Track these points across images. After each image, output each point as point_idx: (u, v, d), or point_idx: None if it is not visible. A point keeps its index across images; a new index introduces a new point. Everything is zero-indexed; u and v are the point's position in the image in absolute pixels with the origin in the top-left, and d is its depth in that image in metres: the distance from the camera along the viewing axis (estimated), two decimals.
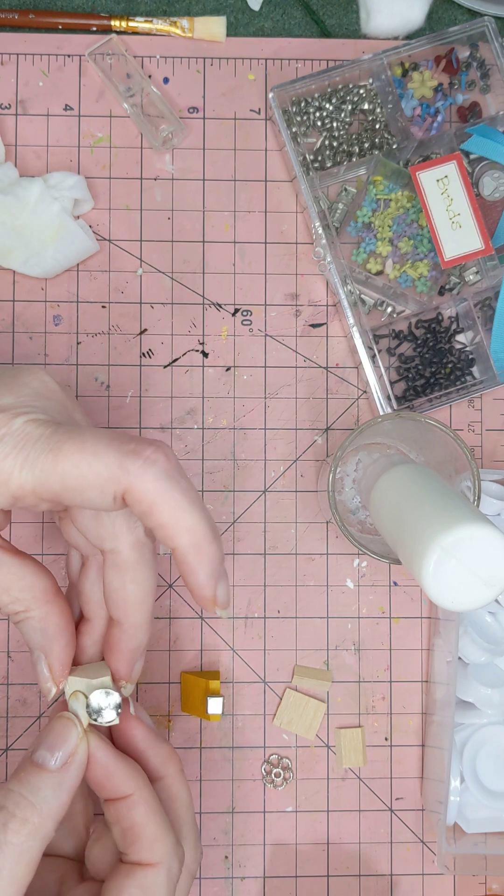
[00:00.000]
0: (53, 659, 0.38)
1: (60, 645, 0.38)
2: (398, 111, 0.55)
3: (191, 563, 0.35)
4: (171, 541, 0.34)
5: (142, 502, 0.34)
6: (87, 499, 0.34)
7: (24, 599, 0.37)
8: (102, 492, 0.33)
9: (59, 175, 0.53)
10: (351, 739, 0.55)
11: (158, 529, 0.34)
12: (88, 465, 0.33)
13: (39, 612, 0.37)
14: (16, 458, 0.33)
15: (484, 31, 0.54)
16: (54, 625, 0.38)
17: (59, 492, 0.34)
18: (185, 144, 0.56)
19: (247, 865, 0.54)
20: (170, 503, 0.34)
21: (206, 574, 0.35)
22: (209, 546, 0.35)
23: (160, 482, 0.33)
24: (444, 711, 0.52)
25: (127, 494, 0.33)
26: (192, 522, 0.34)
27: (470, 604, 0.38)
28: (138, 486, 0.33)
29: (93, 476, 0.33)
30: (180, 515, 0.34)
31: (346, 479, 0.52)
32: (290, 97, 0.54)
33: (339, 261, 0.53)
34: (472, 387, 0.55)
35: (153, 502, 0.33)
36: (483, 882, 0.55)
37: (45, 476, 0.33)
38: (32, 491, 0.34)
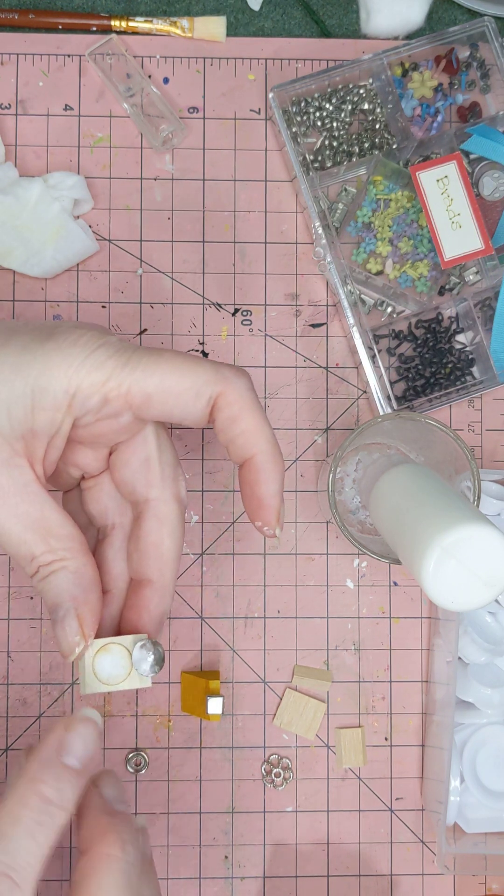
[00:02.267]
0: (86, 609, 0.37)
1: (95, 597, 0.37)
2: (398, 111, 0.55)
3: (268, 471, 0.37)
4: (251, 447, 0.37)
5: (233, 405, 0.36)
6: (179, 401, 0.35)
7: (60, 549, 0.36)
8: (198, 393, 0.36)
9: (59, 175, 0.53)
10: (351, 739, 0.55)
11: (241, 436, 0.37)
12: (189, 367, 0.35)
13: (76, 563, 0.37)
14: (118, 358, 0.35)
15: (484, 31, 0.54)
16: (89, 577, 0.37)
17: (153, 394, 0.35)
18: (185, 144, 0.56)
19: (247, 865, 0.54)
20: (256, 411, 0.37)
21: (276, 484, 0.37)
22: (281, 459, 0.38)
23: (249, 391, 0.37)
24: (444, 711, 0.52)
25: (220, 397, 0.36)
26: (271, 434, 0.37)
27: (470, 604, 0.38)
28: (233, 390, 0.36)
29: (191, 377, 0.35)
30: (263, 424, 0.37)
31: (346, 479, 0.52)
32: (290, 97, 0.54)
33: (339, 261, 0.53)
34: (472, 387, 0.55)
35: (243, 407, 0.36)
36: (483, 882, 0.55)
37: (145, 376, 0.35)
38: (128, 392, 0.35)
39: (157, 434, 0.39)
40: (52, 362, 0.35)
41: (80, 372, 0.35)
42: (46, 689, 0.54)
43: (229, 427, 0.37)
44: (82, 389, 0.35)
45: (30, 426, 0.35)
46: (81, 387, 0.35)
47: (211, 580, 0.55)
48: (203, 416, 0.37)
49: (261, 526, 0.38)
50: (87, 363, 0.35)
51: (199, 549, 0.55)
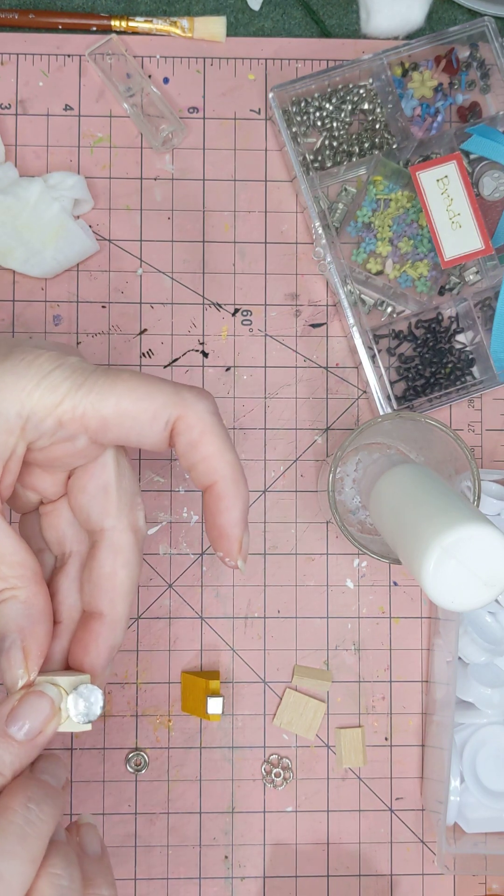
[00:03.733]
0: (32, 642, 0.35)
1: (42, 629, 0.36)
2: (398, 111, 0.55)
3: (230, 498, 0.36)
4: (213, 473, 0.36)
5: (193, 430, 0.35)
6: (136, 425, 0.35)
7: (12, 577, 0.35)
8: (155, 416, 0.35)
9: (59, 175, 0.53)
10: (351, 739, 0.55)
11: (202, 462, 0.35)
12: (146, 390, 0.34)
13: (27, 592, 0.36)
14: (73, 381, 0.34)
15: (484, 31, 0.54)
16: (39, 608, 0.36)
17: (109, 417, 0.34)
18: (185, 144, 0.56)
19: (247, 865, 0.54)
20: (217, 436, 0.35)
21: (238, 512, 0.36)
22: (244, 486, 0.36)
23: (210, 415, 0.35)
24: (444, 711, 0.52)
25: (179, 421, 0.35)
26: (234, 458, 0.36)
27: (470, 604, 0.38)
28: (192, 414, 0.35)
29: (148, 400, 0.34)
30: (225, 449, 0.36)
31: (346, 479, 0.52)
32: (290, 97, 0.54)
33: (339, 261, 0.53)
34: (472, 387, 0.55)
35: (203, 431, 0.35)
36: (483, 882, 0.55)
37: (100, 398, 0.34)
38: (83, 415, 0.34)
39: (116, 460, 0.37)
40: (4, 384, 0.34)
41: (34, 395, 0.34)
42: None
43: (189, 452, 0.36)
44: (36, 412, 0.34)
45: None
46: (35, 410, 0.34)
47: (211, 580, 0.55)
48: (162, 440, 0.36)
49: (222, 556, 0.37)
50: (41, 385, 0.34)
51: (199, 549, 0.55)
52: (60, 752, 0.54)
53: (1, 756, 0.34)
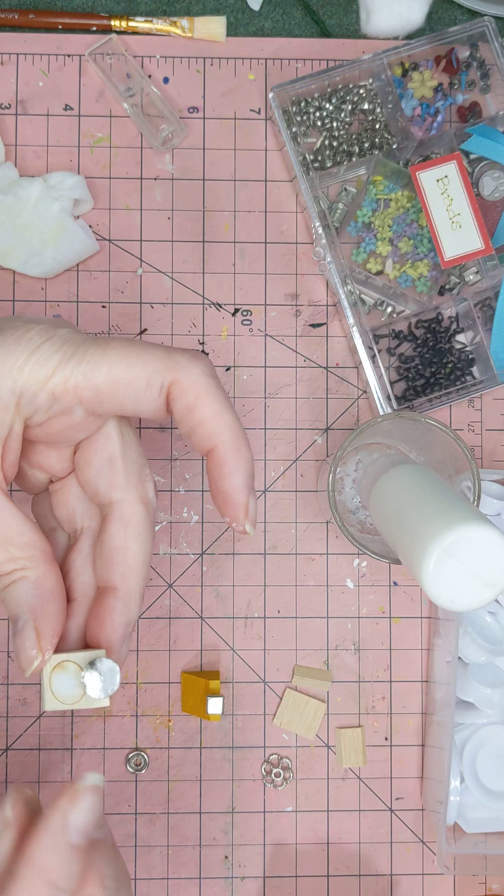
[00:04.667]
0: (45, 622, 0.35)
1: (54, 608, 0.35)
2: (398, 111, 0.55)
3: (230, 463, 0.34)
4: (211, 438, 0.34)
5: (188, 393, 0.34)
6: (130, 392, 0.34)
7: (21, 557, 0.35)
8: (149, 383, 0.34)
9: (59, 175, 0.53)
10: (351, 739, 0.55)
11: (200, 426, 0.34)
12: (137, 356, 0.33)
13: (37, 572, 0.35)
14: (64, 353, 0.33)
15: (484, 31, 0.54)
16: (49, 588, 0.35)
17: (102, 387, 0.33)
18: (185, 144, 0.56)
19: (247, 865, 0.54)
20: (214, 398, 0.34)
21: (243, 477, 0.35)
22: (246, 448, 0.35)
23: (206, 377, 0.34)
24: (444, 711, 0.52)
25: (174, 385, 0.34)
26: (234, 421, 0.35)
27: (470, 604, 0.38)
28: (187, 377, 0.34)
29: (140, 366, 0.33)
30: (223, 411, 0.34)
31: (346, 479, 0.52)
32: (290, 97, 0.54)
33: (339, 261, 0.53)
34: (472, 387, 0.55)
35: (199, 394, 0.34)
36: (483, 882, 0.55)
37: (91, 368, 0.33)
38: (75, 387, 0.33)
39: (120, 431, 0.37)
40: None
41: (25, 369, 0.33)
42: None
43: (187, 417, 0.34)
44: (28, 387, 0.33)
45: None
46: (27, 384, 0.33)
47: (211, 580, 0.55)
48: (159, 406, 0.34)
49: (229, 521, 0.36)
50: (31, 359, 0.33)
51: (199, 549, 0.55)
52: (60, 751, 0.54)
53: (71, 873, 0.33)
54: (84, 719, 0.54)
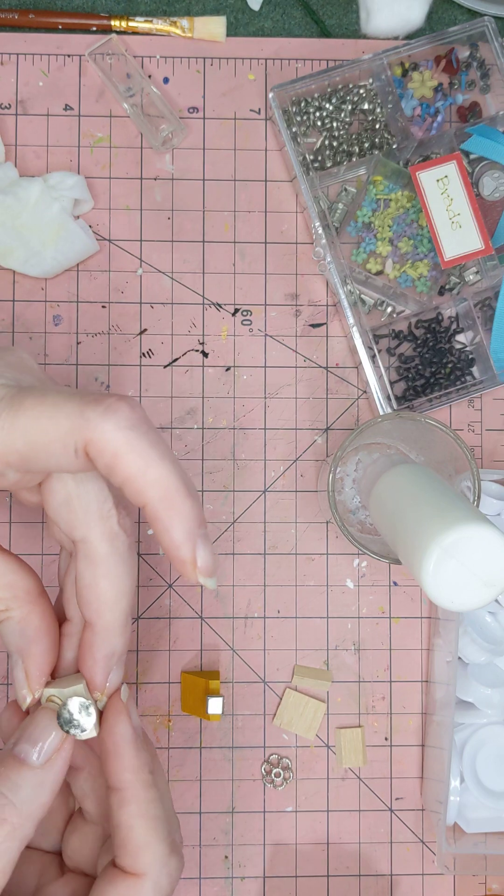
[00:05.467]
0: (31, 663, 0.35)
1: (39, 649, 0.35)
2: (398, 111, 0.55)
3: (162, 521, 0.32)
4: (139, 496, 0.32)
5: (104, 453, 0.31)
6: (51, 455, 0.32)
7: (3, 598, 0.35)
8: (64, 445, 0.31)
9: (59, 175, 0.53)
10: (351, 739, 0.55)
11: (125, 485, 0.32)
12: (49, 416, 0.31)
13: (20, 613, 0.35)
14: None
15: (484, 31, 0.54)
16: (35, 627, 0.35)
17: (22, 451, 0.32)
18: (185, 144, 0.56)
19: (247, 865, 0.54)
20: (134, 454, 0.31)
21: (180, 533, 0.32)
22: (182, 500, 0.32)
23: (123, 431, 0.31)
24: (444, 711, 0.52)
25: (89, 446, 0.31)
26: (161, 474, 0.31)
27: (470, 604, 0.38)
28: (100, 436, 0.31)
29: (53, 428, 0.31)
30: (147, 467, 0.31)
31: (346, 479, 0.52)
32: (290, 97, 0.54)
33: (339, 261, 0.53)
34: (472, 387, 0.55)
35: (116, 453, 0.31)
36: (483, 882, 0.55)
37: (7, 433, 0.31)
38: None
39: None
40: None
41: None
42: None
43: (111, 478, 0.32)
44: None
45: None
46: None
47: None
48: (83, 466, 0.32)
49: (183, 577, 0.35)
50: None
51: None
52: None
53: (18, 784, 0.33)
54: None
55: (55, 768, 0.34)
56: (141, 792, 0.35)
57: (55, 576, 0.54)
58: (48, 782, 0.34)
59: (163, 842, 0.35)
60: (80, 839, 0.39)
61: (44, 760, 0.34)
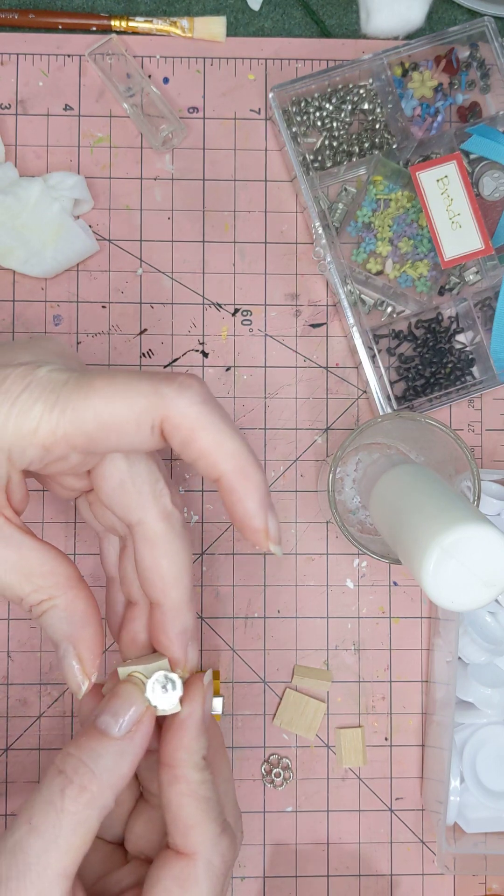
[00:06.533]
0: (83, 648, 0.35)
1: (90, 632, 0.35)
2: (398, 111, 0.55)
3: (238, 491, 0.33)
4: (214, 469, 0.33)
5: (181, 428, 0.32)
6: (123, 435, 0.32)
7: (46, 587, 0.34)
8: (139, 424, 0.32)
9: (59, 175, 0.53)
10: (351, 739, 0.55)
11: (200, 459, 0.33)
12: (122, 396, 0.32)
13: (64, 599, 0.35)
14: (45, 401, 0.32)
15: (484, 31, 0.54)
16: (81, 612, 0.35)
17: (92, 433, 0.32)
18: (185, 144, 0.56)
19: (247, 865, 0.54)
20: (210, 427, 0.32)
21: (255, 502, 0.33)
22: (254, 471, 0.33)
23: (198, 406, 0.32)
24: (444, 711, 0.52)
25: (165, 422, 0.32)
26: (236, 447, 0.33)
27: (470, 604, 0.38)
28: (176, 412, 0.32)
29: (127, 407, 0.32)
30: (222, 440, 0.33)
31: (346, 479, 0.52)
32: (290, 97, 0.54)
33: (339, 261, 0.53)
34: (472, 387, 0.55)
35: (193, 427, 0.32)
36: (483, 882, 0.55)
37: (77, 415, 0.32)
38: (64, 436, 0.32)
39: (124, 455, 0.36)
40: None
41: (8, 426, 0.32)
42: (46, 689, 0.54)
43: (185, 452, 0.33)
44: (16, 443, 0.32)
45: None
46: (13, 441, 0.32)
47: (211, 580, 0.55)
48: (155, 443, 0.33)
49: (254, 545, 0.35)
50: (12, 414, 0.32)
51: (199, 549, 0.55)
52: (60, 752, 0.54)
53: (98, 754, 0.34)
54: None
55: (136, 740, 0.34)
56: (191, 772, 0.35)
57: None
58: (129, 753, 0.34)
59: (213, 821, 0.35)
60: (144, 824, 0.39)
61: (124, 732, 0.34)
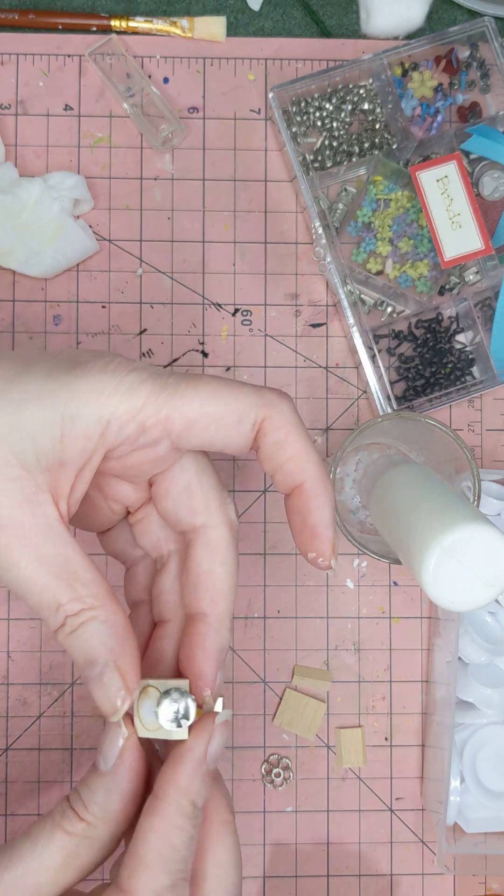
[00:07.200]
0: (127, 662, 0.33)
1: (132, 646, 0.33)
2: (398, 111, 0.55)
3: (320, 497, 0.35)
4: (301, 473, 0.35)
5: (279, 430, 0.34)
6: (221, 427, 0.33)
7: (86, 596, 0.33)
8: (241, 418, 0.34)
9: (59, 175, 0.53)
10: (351, 739, 0.55)
11: (290, 461, 0.34)
12: (229, 392, 0.34)
13: (106, 611, 0.33)
14: (153, 384, 0.33)
15: (484, 31, 0.54)
16: (123, 625, 0.33)
17: (193, 419, 0.33)
18: (185, 144, 0.56)
19: (247, 865, 0.54)
20: (302, 435, 0.35)
21: (330, 511, 0.35)
22: (331, 485, 0.35)
23: (294, 415, 0.35)
24: (444, 711, 0.52)
25: (266, 422, 0.34)
26: (319, 458, 0.35)
27: (470, 604, 0.38)
28: (277, 414, 0.34)
29: (233, 401, 0.33)
30: (310, 448, 0.35)
31: (346, 479, 0.52)
32: (290, 97, 0.54)
33: (339, 261, 0.53)
34: (472, 387, 0.55)
35: (289, 431, 0.34)
36: (483, 882, 0.55)
37: (185, 402, 0.33)
38: (167, 418, 0.33)
39: (195, 458, 0.36)
40: (81, 388, 0.32)
41: (114, 398, 0.32)
42: (46, 689, 0.54)
43: (276, 453, 0.34)
44: (117, 416, 0.32)
45: (57, 458, 0.32)
46: (116, 414, 0.32)
47: None
48: (247, 441, 0.34)
49: (314, 558, 0.35)
50: (120, 388, 0.32)
51: None
52: (60, 751, 0.54)
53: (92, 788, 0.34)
54: (84, 719, 0.54)
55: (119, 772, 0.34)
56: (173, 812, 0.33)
57: None
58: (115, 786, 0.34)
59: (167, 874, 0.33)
60: None
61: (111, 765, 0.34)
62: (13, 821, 0.54)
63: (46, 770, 0.54)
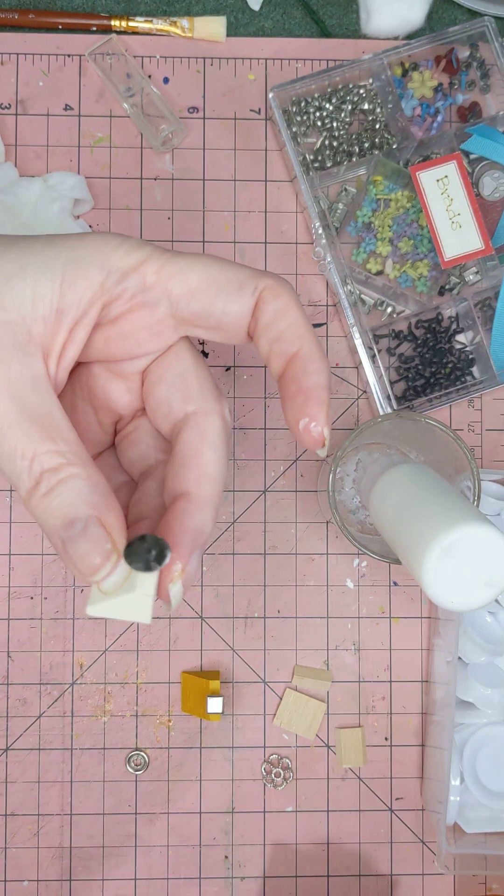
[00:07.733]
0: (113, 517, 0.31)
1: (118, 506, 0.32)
2: (398, 111, 0.55)
3: (317, 361, 0.34)
4: (300, 339, 0.34)
5: (280, 298, 0.34)
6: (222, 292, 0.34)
7: (68, 452, 0.31)
8: (241, 285, 0.34)
9: (59, 175, 0.53)
10: (351, 739, 0.55)
11: (289, 328, 0.34)
12: (229, 265, 0.34)
13: (87, 471, 0.31)
14: (155, 250, 0.33)
15: (484, 31, 0.54)
16: (105, 486, 0.31)
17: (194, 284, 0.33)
18: (185, 144, 0.56)
19: (247, 865, 0.54)
20: (301, 308, 0.35)
21: (326, 377, 0.35)
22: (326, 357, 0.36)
23: (294, 292, 0.35)
24: (444, 711, 0.52)
25: (267, 290, 0.34)
26: (313, 330, 0.35)
27: (470, 604, 0.38)
28: (276, 285, 0.34)
29: (234, 271, 0.34)
30: (308, 322, 0.35)
31: (346, 479, 0.52)
32: (290, 97, 0.54)
33: (339, 261, 0.53)
34: (472, 387, 0.55)
35: (290, 301, 0.34)
36: (483, 882, 0.55)
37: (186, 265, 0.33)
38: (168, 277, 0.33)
39: (191, 349, 0.36)
40: (85, 240, 0.33)
41: (117, 252, 0.33)
42: (46, 689, 0.54)
43: (276, 321, 0.34)
44: (119, 267, 0.32)
45: (55, 304, 0.32)
46: (118, 265, 0.32)
47: (211, 580, 0.55)
48: (247, 310, 0.34)
49: (307, 424, 0.34)
50: (123, 246, 0.33)
51: None
52: (60, 751, 0.54)
53: None
54: (84, 719, 0.54)
55: None
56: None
57: (55, 575, 0.54)
58: None
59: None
60: None
61: None
62: (13, 821, 0.54)
63: (46, 770, 0.54)
